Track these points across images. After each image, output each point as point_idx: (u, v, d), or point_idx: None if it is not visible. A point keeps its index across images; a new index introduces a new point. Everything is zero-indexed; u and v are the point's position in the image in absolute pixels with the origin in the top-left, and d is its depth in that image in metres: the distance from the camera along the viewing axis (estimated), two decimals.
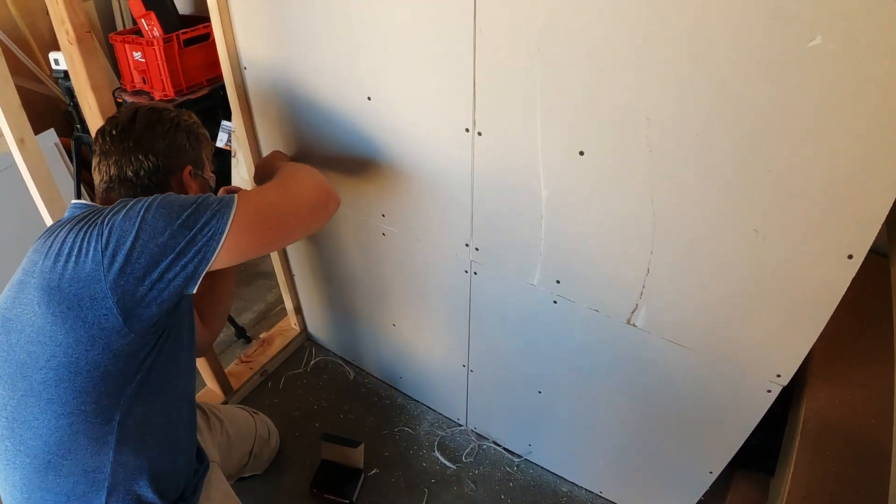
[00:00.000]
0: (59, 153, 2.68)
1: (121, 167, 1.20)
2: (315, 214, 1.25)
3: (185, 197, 1.08)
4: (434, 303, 1.74)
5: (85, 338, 1.01)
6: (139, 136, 1.21)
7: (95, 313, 1.00)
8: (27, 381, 1.03)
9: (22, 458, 1.05)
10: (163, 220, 1.03)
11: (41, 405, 1.03)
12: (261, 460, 1.86)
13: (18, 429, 1.04)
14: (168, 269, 1.02)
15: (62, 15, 1.31)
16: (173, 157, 1.24)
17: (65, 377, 1.02)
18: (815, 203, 0.95)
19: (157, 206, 1.04)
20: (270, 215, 1.15)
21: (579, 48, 1.03)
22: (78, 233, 1.03)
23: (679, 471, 1.56)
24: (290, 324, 2.40)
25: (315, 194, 1.25)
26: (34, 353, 1.02)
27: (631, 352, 1.38)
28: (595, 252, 1.27)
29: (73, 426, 1.04)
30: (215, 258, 1.05)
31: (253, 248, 1.14)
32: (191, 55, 2.61)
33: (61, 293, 1.00)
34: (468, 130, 1.27)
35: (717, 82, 0.93)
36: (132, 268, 1.00)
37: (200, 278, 1.06)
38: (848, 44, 0.81)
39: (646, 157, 1.07)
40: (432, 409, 2.12)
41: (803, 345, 1.13)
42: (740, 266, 1.10)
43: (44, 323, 1.01)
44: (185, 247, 1.03)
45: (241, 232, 1.08)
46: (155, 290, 1.03)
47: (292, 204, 1.21)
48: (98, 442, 1.06)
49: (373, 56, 1.33)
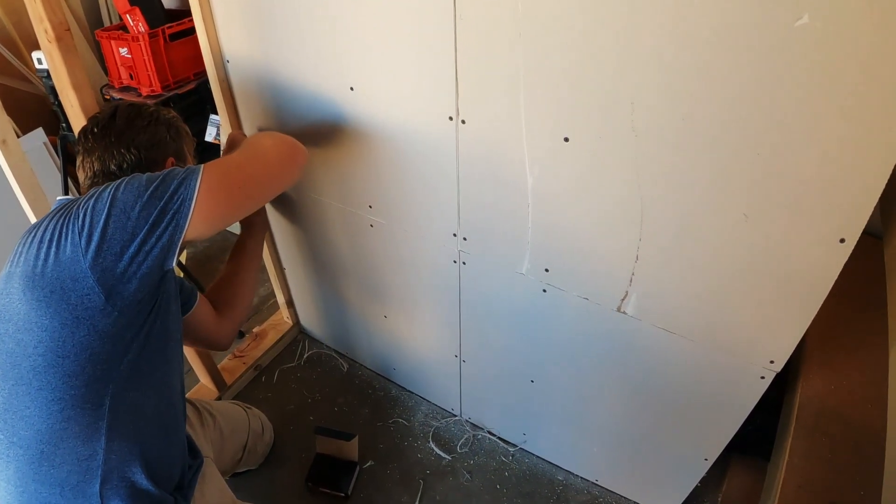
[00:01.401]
0: (47, 151, 2.66)
1: (104, 162, 1.23)
2: (284, 166, 1.31)
3: (153, 173, 1.11)
4: (424, 294, 1.73)
5: (70, 319, 1.02)
6: (120, 132, 1.23)
7: (78, 294, 1.02)
8: (17, 370, 1.04)
9: (15, 450, 1.05)
10: (133, 195, 1.06)
11: (31, 393, 1.03)
12: (255, 455, 1.85)
13: (10, 420, 1.04)
14: (144, 241, 1.05)
15: (40, 13, 1.29)
16: (155, 149, 1.26)
17: (53, 362, 1.02)
18: (806, 186, 0.94)
19: (125, 184, 1.07)
20: (238, 175, 1.20)
21: (561, 32, 1.01)
22: (57, 222, 1.06)
23: (675, 458, 1.56)
24: (282, 317, 2.39)
25: (279, 148, 1.31)
26: (22, 342, 1.03)
27: (622, 340, 1.37)
28: (583, 239, 1.25)
29: (64, 412, 1.04)
30: (189, 224, 1.08)
31: (226, 209, 1.18)
32: (177, 49, 2.58)
33: (44, 279, 1.02)
34: (452, 119, 1.26)
35: (703, 64, 0.91)
36: (108, 244, 1.03)
37: (177, 248, 1.09)
38: (835, 22, 0.79)
39: (632, 143, 1.06)
40: (426, 400, 2.11)
41: (796, 330, 1.12)
42: (730, 251, 1.09)
43: (28, 310, 1.03)
44: (157, 216, 1.06)
45: (211, 194, 1.11)
46: (134, 265, 1.05)
47: (259, 161, 1.26)
48: (90, 428, 1.06)
49: (354, 46, 1.31)
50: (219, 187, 1.14)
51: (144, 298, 1.09)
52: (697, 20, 0.88)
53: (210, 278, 2.70)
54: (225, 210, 1.17)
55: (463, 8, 1.10)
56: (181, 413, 1.31)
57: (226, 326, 1.58)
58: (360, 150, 1.49)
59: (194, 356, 1.93)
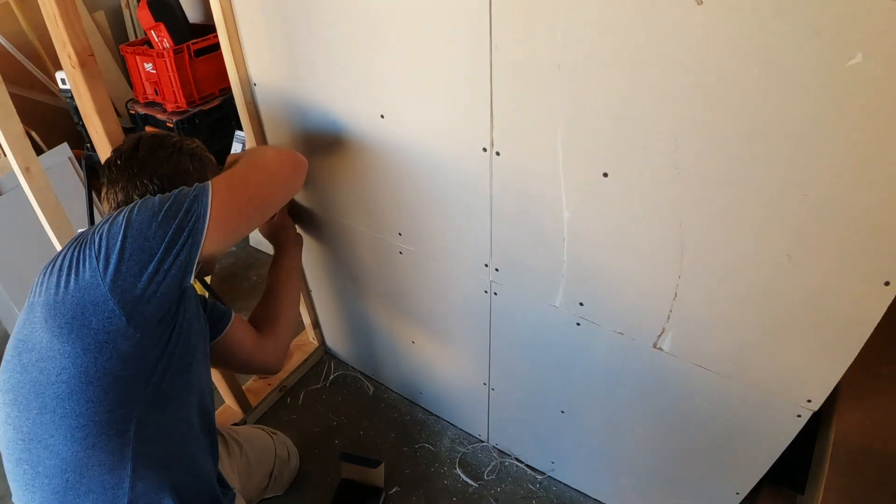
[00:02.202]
0: (72, 166, 2.67)
1: (127, 193, 1.23)
2: (287, 176, 1.36)
3: (163, 194, 1.12)
4: (453, 322, 1.70)
5: (92, 345, 1.01)
6: (143, 163, 1.23)
7: (99, 318, 1.01)
8: (40, 399, 1.03)
9: (41, 479, 1.04)
10: (147, 216, 1.06)
11: (55, 422, 1.02)
12: (281, 482, 1.83)
13: (35, 450, 1.04)
14: (163, 259, 1.05)
15: (63, 38, 1.28)
16: (178, 179, 1.25)
17: (76, 389, 1.01)
18: (852, 229, 0.90)
19: (139, 206, 1.08)
20: (246, 187, 1.23)
21: (603, 66, 0.98)
22: (75, 251, 1.06)
23: (705, 491, 1.52)
24: (308, 338, 2.38)
25: (281, 158, 1.35)
26: (45, 370, 1.02)
27: (657, 375, 1.33)
28: (620, 275, 1.22)
29: (88, 439, 1.03)
30: (205, 239, 1.09)
31: (238, 222, 1.21)
32: (202, 65, 2.59)
33: (64, 306, 1.02)
34: (486, 150, 1.23)
35: (750, 103, 0.88)
36: (127, 266, 1.03)
37: (195, 265, 1.09)
38: (889, 62, 0.75)
39: (674, 180, 1.02)
40: (453, 425, 2.08)
41: (835, 370, 1.08)
42: (772, 292, 1.05)
43: (50, 338, 1.02)
44: (174, 235, 1.06)
45: (223, 208, 1.13)
46: (153, 284, 1.05)
47: (263, 172, 1.29)
48: (115, 455, 1.05)
49: (386, 74, 1.29)
50: (230, 201, 1.16)
51: (165, 318, 1.09)
52: (746, 58, 0.85)
53: (235, 295, 2.71)
54: (237, 223, 1.20)
55: (499, 38, 1.07)
56: (211, 437, 1.30)
57: (268, 346, 1.53)
58: (389, 178, 1.47)
59: (219, 377, 1.92)
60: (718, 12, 0.84)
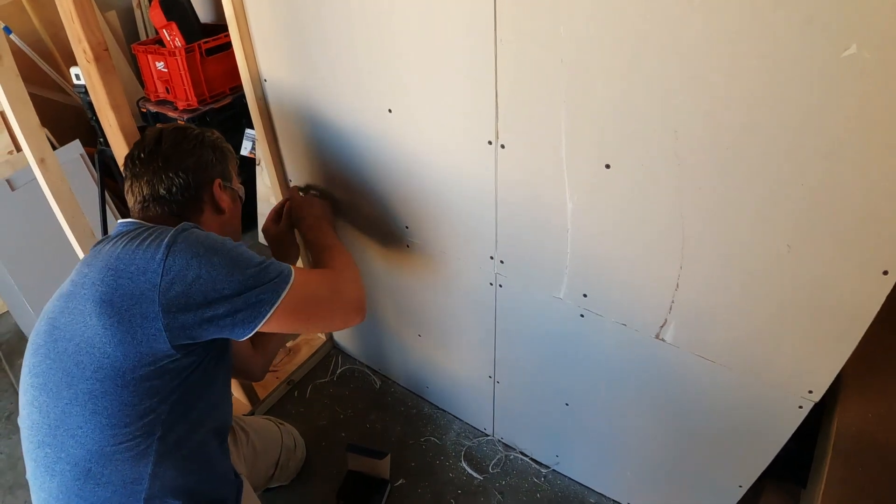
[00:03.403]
0: (84, 163, 2.70)
1: (153, 186, 1.24)
2: (344, 322, 1.32)
3: (251, 256, 1.14)
4: (459, 315, 1.72)
5: (133, 353, 1.04)
6: (167, 156, 1.25)
7: (145, 332, 1.03)
8: (72, 390, 1.05)
9: (62, 465, 1.07)
10: (227, 271, 1.08)
11: (85, 415, 1.05)
12: (287, 471, 1.86)
13: (61, 436, 1.06)
14: (220, 316, 1.07)
15: (79, 33, 1.31)
16: (202, 171, 1.28)
17: (111, 390, 1.04)
18: (850, 218, 0.92)
19: (225, 254, 1.10)
20: (314, 308, 1.24)
21: (605, 59, 1.00)
22: (136, 249, 1.06)
23: (708, 483, 1.53)
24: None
25: (353, 306, 1.32)
26: (82, 364, 1.05)
27: (659, 366, 1.35)
28: (623, 266, 1.24)
29: (117, 437, 1.06)
30: (261, 326, 1.11)
31: (292, 326, 1.21)
32: (213, 64, 2.62)
33: (113, 306, 1.03)
34: (491, 143, 1.25)
35: (748, 93, 0.90)
36: (187, 301, 1.04)
37: (243, 337, 1.12)
38: (884, 52, 0.77)
39: (675, 171, 1.04)
40: (459, 419, 2.10)
41: (836, 360, 1.09)
42: (772, 281, 1.07)
43: (94, 334, 1.04)
44: (240, 305, 1.08)
45: (288, 310, 1.14)
46: (202, 329, 1.07)
47: (333, 306, 1.28)
48: (140, 454, 1.08)
49: (393, 68, 1.31)
50: (297, 309, 1.17)
51: (203, 347, 1.13)
52: (744, 50, 0.87)
53: None
54: (291, 326, 1.20)
55: (503, 31, 1.09)
56: (227, 443, 1.35)
57: (258, 360, 1.64)
58: (397, 171, 1.49)
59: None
60: (717, 5, 0.86)
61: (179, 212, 1.24)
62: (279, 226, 1.62)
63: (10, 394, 2.41)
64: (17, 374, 2.46)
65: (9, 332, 2.73)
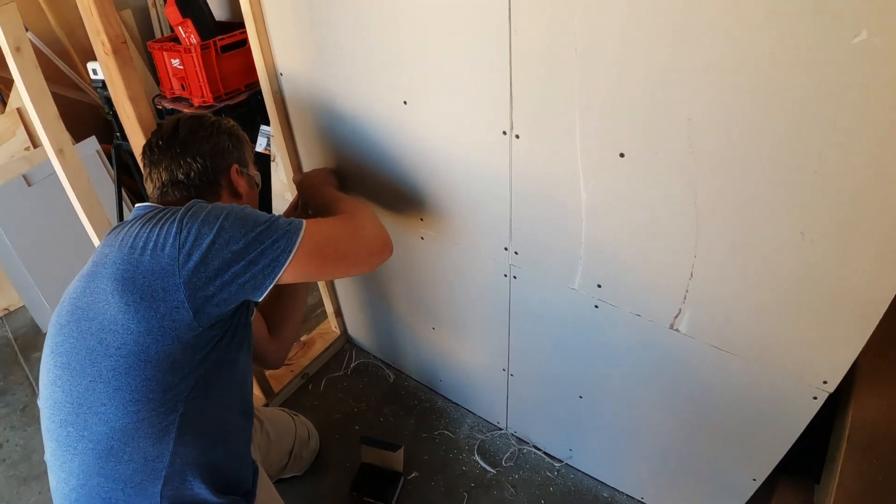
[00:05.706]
0: (100, 160, 2.73)
1: (172, 172, 1.27)
2: (371, 259, 1.33)
3: (259, 214, 1.16)
4: (473, 307, 1.73)
5: (156, 328, 1.06)
6: (184, 143, 1.28)
7: (167, 305, 1.05)
8: (96, 368, 1.07)
9: (85, 443, 1.08)
10: (239, 230, 1.10)
11: (108, 392, 1.06)
12: (301, 461, 1.87)
13: (84, 414, 1.08)
14: (239, 273, 1.09)
15: (97, 26, 1.32)
16: (219, 157, 1.30)
17: (134, 365, 1.06)
18: (864, 204, 0.92)
19: (234, 216, 1.12)
20: (333, 248, 1.24)
21: (619, 48, 1.01)
22: (153, 228, 1.09)
23: (722, 477, 1.52)
24: (330, 326, 2.41)
25: (377, 243, 1.33)
26: (105, 341, 1.06)
27: (674, 357, 1.35)
28: (637, 256, 1.24)
29: (140, 413, 1.07)
30: (282, 274, 1.13)
31: (314, 272, 1.23)
32: (228, 61, 2.63)
33: (135, 284, 1.05)
34: (505, 133, 1.26)
35: (761, 81, 0.90)
36: (206, 267, 1.06)
37: (267, 289, 1.13)
38: (894, 38, 0.77)
39: (688, 159, 1.04)
40: (472, 413, 2.10)
41: (850, 350, 1.09)
42: (786, 270, 1.06)
43: (116, 311, 1.06)
44: (256, 257, 1.10)
45: (306, 255, 1.15)
46: (225, 292, 1.09)
47: (355, 244, 1.29)
48: (161, 431, 1.09)
49: (408, 60, 1.32)
50: (315, 253, 1.18)
51: (226, 318, 1.14)
52: (755, 38, 0.87)
53: None
54: (313, 272, 1.23)
55: (518, 22, 1.10)
56: (248, 425, 1.36)
57: (273, 347, 1.65)
58: (411, 163, 1.50)
59: None
60: None
61: (197, 196, 1.26)
62: (295, 214, 1.64)
63: (25, 387, 2.43)
64: (32, 368, 2.49)
65: (24, 326, 2.75)
